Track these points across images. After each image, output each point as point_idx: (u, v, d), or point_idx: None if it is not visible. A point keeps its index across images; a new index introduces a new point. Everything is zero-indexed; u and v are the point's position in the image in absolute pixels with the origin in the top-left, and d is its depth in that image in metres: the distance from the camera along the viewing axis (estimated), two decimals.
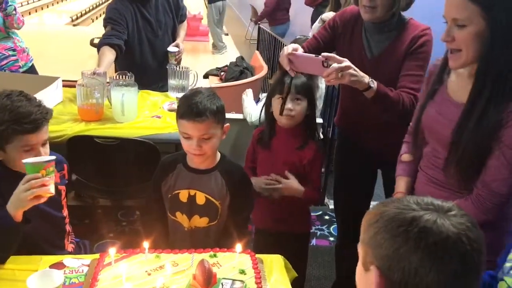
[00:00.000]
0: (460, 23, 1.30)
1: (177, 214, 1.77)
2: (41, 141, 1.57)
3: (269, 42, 6.25)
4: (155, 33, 3.17)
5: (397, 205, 0.84)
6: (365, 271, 0.86)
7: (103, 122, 2.61)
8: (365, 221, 0.88)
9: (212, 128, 1.65)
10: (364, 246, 0.86)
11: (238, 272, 1.45)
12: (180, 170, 1.77)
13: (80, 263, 1.52)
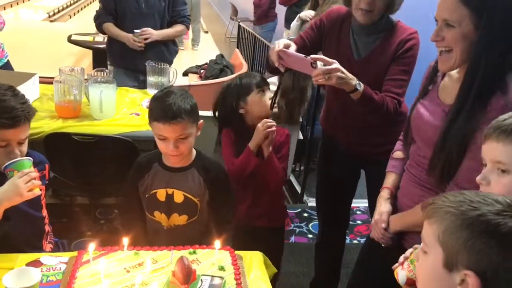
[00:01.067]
0: (450, 23, 1.32)
1: (155, 214, 1.77)
2: (17, 139, 1.55)
3: (249, 40, 6.25)
4: (140, 10, 3.25)
5: (490, 209, 0.82)
6: (448, 272, 0.85)
7: (80, 119, 2.58)
8: (449, 221, 0.85)
9: (188, 128, 1.65)
10: (451, 247, 0.84)
11: (218, 269, 1.45)
12: (157, 170, 1.77)
13: (57, 260, 1.50)
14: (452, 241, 0.83)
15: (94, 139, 2.39)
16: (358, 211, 3.56)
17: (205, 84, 4.56)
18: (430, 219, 0.89)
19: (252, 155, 1.93)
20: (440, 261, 0.85)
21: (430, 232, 0.88)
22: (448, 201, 0.87)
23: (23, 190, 1.43)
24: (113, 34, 3.35)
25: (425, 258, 0.90)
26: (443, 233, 0.85)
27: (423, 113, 1.51)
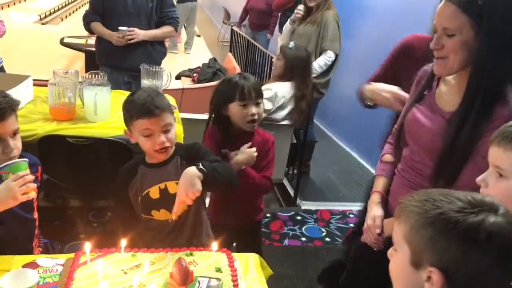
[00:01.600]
0: (450, 32, 1.33)
1: (153, 213, 1.77)
2: (9, 132, 1.55)
3: (242, 44, 6.27)
4: (127, 9, 3.28)
5: (450, 207, 0.85)
6: (415, 269, 0.88)
7: (75, 121, 2.57)
8: (413, 220, 0.88)
9: (169, 119, 1.69)
10: (415, 245, 0.87)
11: (215, 270, 1.46)
12: (143, 171, 1.78)
13: (54, 262, 1.50)
14: (417, 240, 0.87)
15: (88, 142, 2.39)
16: (351, 214, 3.58)
17: (199, 88, 4.56)
18: (398, 219, 0.93)
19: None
20: (407, 259, 0.89)
21: (398, 231, 0.92)
22: (413, 200, 0.91)
23: (18, 193, 1.43)
24: (99, 33, 3.39)
25: (395, 256, 0.94)
26: (409, 231, 0.89)
27: (420, 118, 1.51)
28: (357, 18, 4.72)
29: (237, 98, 1.97)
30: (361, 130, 4.72)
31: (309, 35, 3.64)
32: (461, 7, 1.30)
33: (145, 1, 3.33)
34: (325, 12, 3.61)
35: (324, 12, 3.61)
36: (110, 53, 3.38)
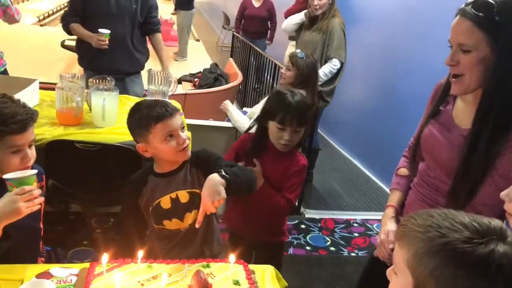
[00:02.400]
0: (466, 48, 1.31)
1: (165, 223, 1.75)
2: (28, 142, 1.54)
3: (243, 49, 6.26)
4: (110, 11, 3.23)
5: (457, 236, 0.82)
6: None
7: (82, 126, 2.56)
8: (416, 246, 0.85)
9: (180, 119, 1.71)
10: (418, 274, 0.84)
11: (232, 283, 1.43)
12: (154, 181, 1.75)
13: (68, 272, 1.47)
14: (420, 268, 0.84)
15: (96, 147, 2.37)
16: (355, 223, 3.57)
17: (201, 93, 4.54)
18: (400, 241, 0.90)
19: None
20: (410, 285, 0.86)
21: (400, 255, 0.89)
22: (416, 224, 0.87)
23: (22, 208, 1.39)
24: (79, 35, 3.33)
25: (396, 279, 0.91)
26: (412, 258, 0.85)
27: (437, 135, 1.49)
28: (361, 27, 4.72)
29: (277, 119, 1.92)
30: (363, 138, 4.72)
31: (315, 42, 3.64)
32: (477, 23, 1.28)
33: (129, 3, 3.28)
34: (331, 20, 3.61)
35: (330, 20, 3.61)
36: (92, 56, 3.30)
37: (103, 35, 3.19)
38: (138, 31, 3.36)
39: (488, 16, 1.27)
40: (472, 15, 1.29)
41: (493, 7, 1.26)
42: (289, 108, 1.90)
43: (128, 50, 3.34)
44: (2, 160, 1.50)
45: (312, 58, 3.00)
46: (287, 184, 2.00)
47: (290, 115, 1.89)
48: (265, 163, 2.01)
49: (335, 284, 2.84)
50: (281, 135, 1.92)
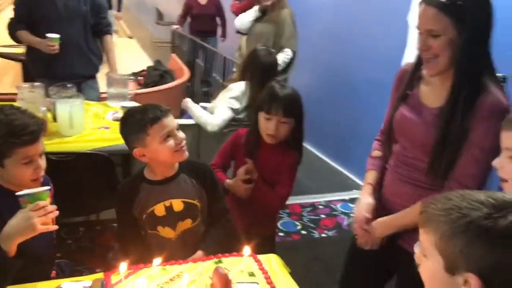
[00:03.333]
0: (435, 33, 1.42)
1: (159, 228, 1.76)
2: (39, 152, 1.54)
3: (186, 45, 6.21)
4: (60, 15, 3.16)
5: (478, 214, 0.88)
6: (450, 275, 0.91)
7: (49, 137, 2.47)
8: (442, 229, 0.91)
9: (175, 121, 1.72)
10: (449, 254, 0.90)
11: (248, 275, 1.49)
12: (146, 188, 1.75)
13: (80, 285, 1.46)
14: (449, 249, 0.91)
15: (71, 157, 2.32)
16: (319, 205, 3.71)
17: (151, 92, 4.47)
18: (424, 227, 0.97)
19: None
20: (441, 266, 0.93)
21: (427, 239, 0.96)
22: (437, 208, 0.94)
23: (37, 224, 1.38)
24: (27, 42, 3.25)
25: (426, 262, 0.98)
26: (439, 241, 0.92)
27: (409, 116, 1.59)
28: (309, 16, 4.85)
29: (264, 109, 1.97)
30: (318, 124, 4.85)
31: (267, 34, 3.71)
32: (441, 8, 1.39)
33: (78, 5, 3.21)
34: (280, 11, 3.69)
35: (279, 11, 3.69)
36: (45, 63, 3.20)
37: (52, 39, 3.09)
38: (91, 33, 3.27)
39: (451, 2, 1.39)
40: (436, 2, 1.40)
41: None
42: (276, 98, 1.95)
43: (83, 53, 3.26)
44: (15, 172, 1.51)
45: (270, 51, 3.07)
46: (279, 178, 2.05)
47: (276, 104, 1.94)
48: (259, 158, 2.05)
49: (313, 266, 2.96)
50: (267, 125, 1.97)
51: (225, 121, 2.92)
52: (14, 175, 1.52)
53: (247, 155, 2.06)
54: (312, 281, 2.76)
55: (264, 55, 2.97)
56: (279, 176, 2.04)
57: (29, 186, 1.55)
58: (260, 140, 2.04)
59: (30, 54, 3.29)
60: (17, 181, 1.53)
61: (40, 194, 1.39)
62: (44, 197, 1.41)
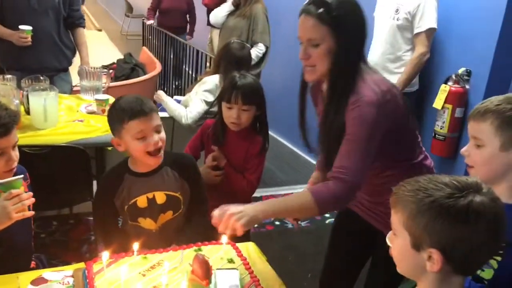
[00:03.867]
0: (314, 42, 1.52)
1: (140, 220, 1.78)
2: (12, 144, 1.55)
3: (157, 38, 6.17)
4: (31, 6, 3.11)
5: (441, 194, 0.97)
6: (417, 252, 1.00)
7: (22, 130, 2.45)
8: (409, 208, 0.99)
9: (158, 120, 1.72)
10: (414, 231, 0.99)
11: (227, 262, 1.53)
12: (130, 179, 1.77)
13: (62, 275, 1.48)
14: (415, 226, 1.00)
15: (45, 150, 2.31)
16: None
17: (123, 85, 4.45)
18: (395, 208, 1.05)
19: None
20: (408, 243, 1.02)
21: (396, 219, 1.04)
22: (406, 190, 1.03)
23: (12, 212, 1.41)
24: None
25: (396, 241, 1.06)
26: (407, 219, 1.01)
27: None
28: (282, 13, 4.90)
29: (225, 99, 2.03)
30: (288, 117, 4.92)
31: (239, 28, 3.74)
32: (319, 19, 1.48)
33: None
34: (253, 5, 3.73)
35: (253, 6, 3.73)
36: (16, 55, 3.16)
37: (24, 31, 3.05)
38: (63, 25, 3.24)
39: (328, 11, 1.49)
40: (314, 13, 1.50)
41: (329, 4, 1.49)
42: (235, 87, 2.02)
43: (56, 45, 3.23)
44: None
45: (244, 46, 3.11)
46: (247, 166, 2.11)
47: (235, 93, 2.01)
48: (227, 145, 2.11)
49: (288, 256, 3.03)
50: (229, 113, 2.03)
51: (199, 113, 2.95)
52: None
53: (213, 142, 2.13)
54: (287, 269, 2.82)
55: (237, 48, 3.01)
56: (248, 164, 2.10)
57: (2, 177, 1.56)
58: (227, 129, 2.10)
59: (1, 46, 3.21)
60: None
61: (13, 183, 1.41)
62: (18, 185, 1.43)
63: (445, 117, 2.95)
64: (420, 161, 1.70)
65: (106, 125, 2.57)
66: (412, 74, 3.03)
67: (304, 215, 1.49)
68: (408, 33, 3.02)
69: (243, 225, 1.39)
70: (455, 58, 3.03)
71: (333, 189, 1.46)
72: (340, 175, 1.47)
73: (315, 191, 1.48)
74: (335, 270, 2.03)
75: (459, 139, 3.00)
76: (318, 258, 2.25)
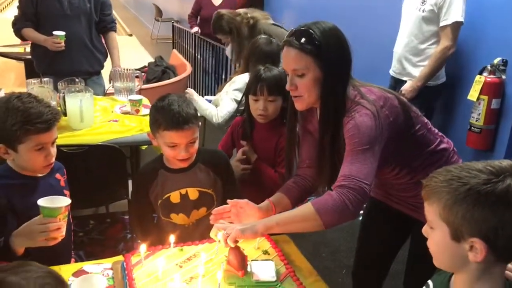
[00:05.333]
0: (299, 72, 1.50)
1: (172, 216, 1.81)
2: (52, 140, 1.61)
3: (187, 40, 6.24)
4: (64, 12, 3.20)
5: (477, 181, 0.94)
6: (457, 243, 0.97)
7: (60, 131, 2.50)
8: (445, 199, 0.96)
9: (196, 132, 1.71)
10: (452, 222, 0.96)
11: (262, 253, 1.54)
12: (164, 175, 1.80)
13: (101, 267, 1.52)
14: (452, 217, 0.96)
15: (82, 149, 2.37)
16: None
17: (156, 87, 4.52)
18: (428, 200, 1.02)
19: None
20: (447, 235, 0.98)
21: (432, 211, 1.01)
22: (439, 181, 0.99)
23: (37, 238, 1.46)
24: (33, 39, 3.29)
25: (433, 233, 1.03)
26: (443, 210, 0.98)
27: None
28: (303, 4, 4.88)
29: (251, 92, 2.05)
30: None
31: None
32: (302, 49, 1.48)
33: (82, 2, 3.26)
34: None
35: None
36: (50, 60, 3.27)
37: (58, 37, 3.15)
38: (95, 30, 3.32)
39: (309, 41, 1.48)
40: (296, 44, 1.49)
41: (311, 34, 1.48)
42: (260, 79, 2.05)
43: (88, 49, 3.32)
44: (27, 158, 1.58)
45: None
46: (279, 159, 2.11)
47: (260, 85, 2.03)
48: (257, 141, 2.12)
49: (321, 252, 3.02)
50: (256, 106, 2.05)
51: (230, 113, 2.96)
52: (26, 160, 1.58)
53: (242, 137, 2.14)
54: (321, 265, 2.82)
55: (265, 43, 3.02)
56: (279, 157, 2.10)
57: (40, 172, 1.65)
58: (255, 123, 2.11)
59: (36, 51, 3.33)
60: (28, 166, 1.61)
61: (52, 210, 1.44)
62: (55, 213, 1.44)
63: (481, 109, 2.88)
64: (438, 144, 1.67)
65: (140, 125, 2.66)
66: (435, 68, 2.97)
67: (308, 227, 1.43)
68: (433, 25, 2.96)
69: (240, 232, 1.40)
70: (489, 48, 2.96)
71: (336, 197, 1.39)
72: (344, 182, 1.42)
73: (316, 201, 1.43)
74: (367, 261, 2.02)
75: (495, 131, 2.92)
76: (351, 254, 2.23)
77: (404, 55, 3.11)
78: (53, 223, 1.45)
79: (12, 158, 1.60)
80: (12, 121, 1.51)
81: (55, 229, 1.45)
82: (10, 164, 1.63)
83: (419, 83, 3.00)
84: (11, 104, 1.53)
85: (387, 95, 1.54)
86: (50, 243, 1.47)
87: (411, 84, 3.03)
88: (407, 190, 1.72)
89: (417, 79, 3.00)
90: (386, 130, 1.48)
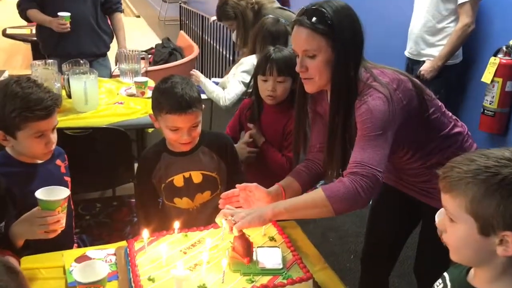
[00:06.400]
0: (310, 53, 1.44)
1: (176, 200, 1.78)
2: (52, 127, 1.56)
3: (194, 21, 6.17)
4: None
5: (509, 170, 0.87)
6: (485, 237, 0.90)
7: (64, 113, 2.50)
8: (473, 191, 0.89)
9: (199, 116, 1.67)
10: (482, 215, 0.89)
11: (269, 240, 1.51)
12: (167, 158, 1.76)
13: (105, 253, 1.49)
14: (483, 210, 0.89)
15: (87, 132, 2.34)
16: None
17: (162, 69, 4.47)
18: (450, 192, 0.93)
19: None
20: (474, 229, 0.91)
21: (455, 204, 0.93)
22: (463, 171, 0.91)
23: (36, 231, 1.41)
24: (38, 20, 3.24)
25: (454, 228, 0.95)
26: (470, 204, 0.90)
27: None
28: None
29: (260, 72, 2.00)
30: None
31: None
32: (313, 29, 1.42)
33: None
34: None
35: None
36: (56, 42, 3.22)
37: (63, 18, 3.09)
38: (101, 10, 3.27)
39: (321, 21, 1.41)
40: (308, 23, 1.43)
41: (323, 13, 1.41)
42: (269, 59, 1.99)
43: (94, 31, 3.27)
44: (26, 145, 1.54)
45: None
46: (286, 143, 2.07)
47: (269, 65, 1.98)
48: (264, 123, 2.08)
49: (329, 237, 2.99)
50: (265, 86, 2.00)
51: (237, 95, 2.91)
52: (25, 147, 1.54)
53: (250, 120, 2.10)
54: (328, 250, 2.79)
55: (272, 23, 2.94)
56: (286, 141, 2.05)
57: (40, 158, 1.61)
58: (263, 105, 2.07)
59: (41, 33, 3.29)
60: (28, 153, 1.57)
61: (51, 203, 1.39)
62: (54, 206, 1.39)
63: (495, 92, 2.80)
64: (452, 128, 1.61)
65: (146, 107, 2.61)
66: (456, 46, 2.90)
67: (318, 214, 1.40)
68: (451, 3, 2.88)
69: (247, 222, 1.37)
70: (505, 29, 2.87)
71: (348, 184, 1.35)
72: (356, 169, 1.37)
73: (327, 187, 1.39)
74: (376, 246, 1.98)
75: (510, 114, 2.85)
76: (360, 239, 2.20)
77: (421, 36, 3.03)
78: (52, 216, 1.40)
79: (11, 145, 1.56)
80: (10, 108, 1.46)
81: (54, 222, 1.40)
82: (9, 151, 1.59)
83: (439, 63, 2.93)
84: (10, 89, 1.47)
85: (401, 77, 1.48)
86: (50, 236, 1.42)
87: (431, 64, 2.97)
88: (419, 175, 1.66)
89: (438, 59, 2.94)
90: (399, 114, 1.43)
